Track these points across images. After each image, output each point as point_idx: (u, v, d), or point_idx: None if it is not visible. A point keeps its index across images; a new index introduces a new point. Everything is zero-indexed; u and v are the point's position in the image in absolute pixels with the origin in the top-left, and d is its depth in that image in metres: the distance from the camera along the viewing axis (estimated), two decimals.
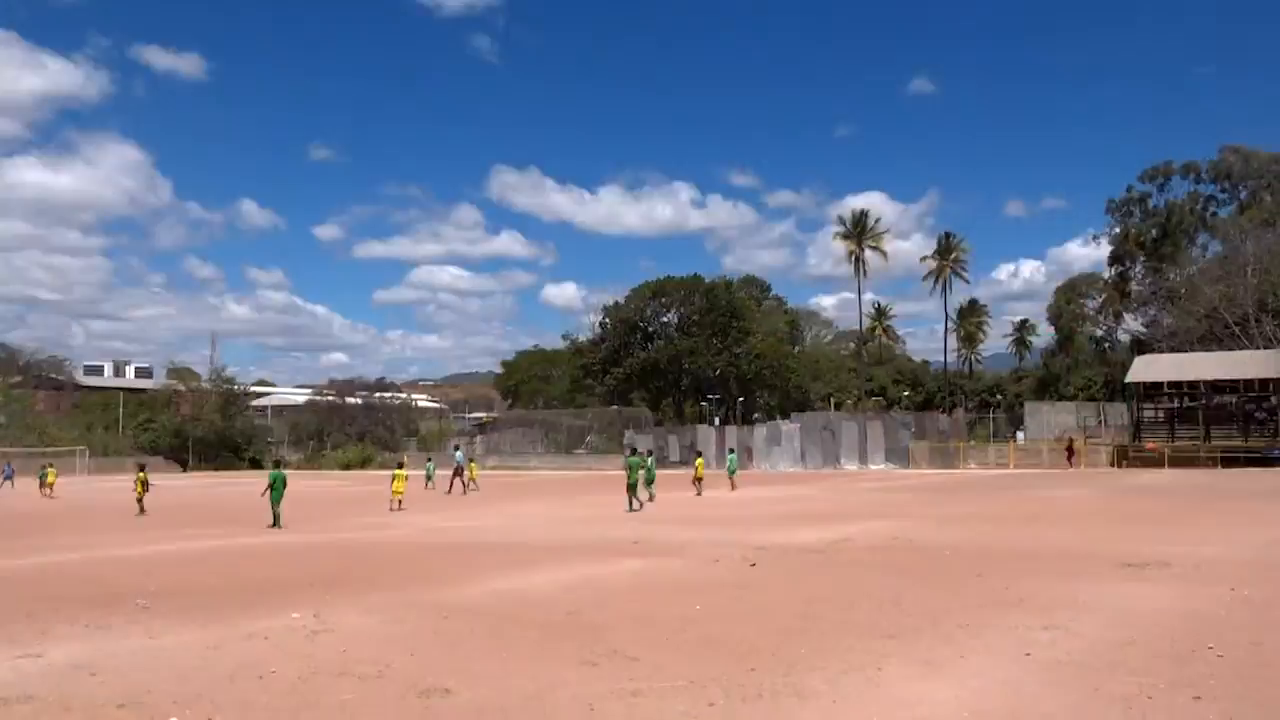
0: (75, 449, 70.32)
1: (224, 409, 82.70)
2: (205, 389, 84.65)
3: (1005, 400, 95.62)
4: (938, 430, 64.56)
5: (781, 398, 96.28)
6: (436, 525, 24.30)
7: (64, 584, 14.08)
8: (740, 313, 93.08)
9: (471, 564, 15.69)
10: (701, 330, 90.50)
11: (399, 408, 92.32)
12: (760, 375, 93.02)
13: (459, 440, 74.35)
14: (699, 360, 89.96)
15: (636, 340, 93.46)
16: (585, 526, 22.85)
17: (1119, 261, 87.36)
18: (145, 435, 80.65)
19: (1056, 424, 67.89)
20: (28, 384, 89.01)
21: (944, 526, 21.20)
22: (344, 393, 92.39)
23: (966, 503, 29.29)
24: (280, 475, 24.70)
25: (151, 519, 27.45)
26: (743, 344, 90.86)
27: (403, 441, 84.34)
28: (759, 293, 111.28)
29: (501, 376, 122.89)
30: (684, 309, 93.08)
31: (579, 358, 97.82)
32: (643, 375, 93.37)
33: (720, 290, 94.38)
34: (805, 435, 64.49)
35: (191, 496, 42.35)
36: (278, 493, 23.99)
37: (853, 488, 39.90)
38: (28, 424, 77.21)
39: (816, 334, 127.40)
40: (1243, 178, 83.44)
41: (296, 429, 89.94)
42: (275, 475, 24.60)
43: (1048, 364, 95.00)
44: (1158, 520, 22.24)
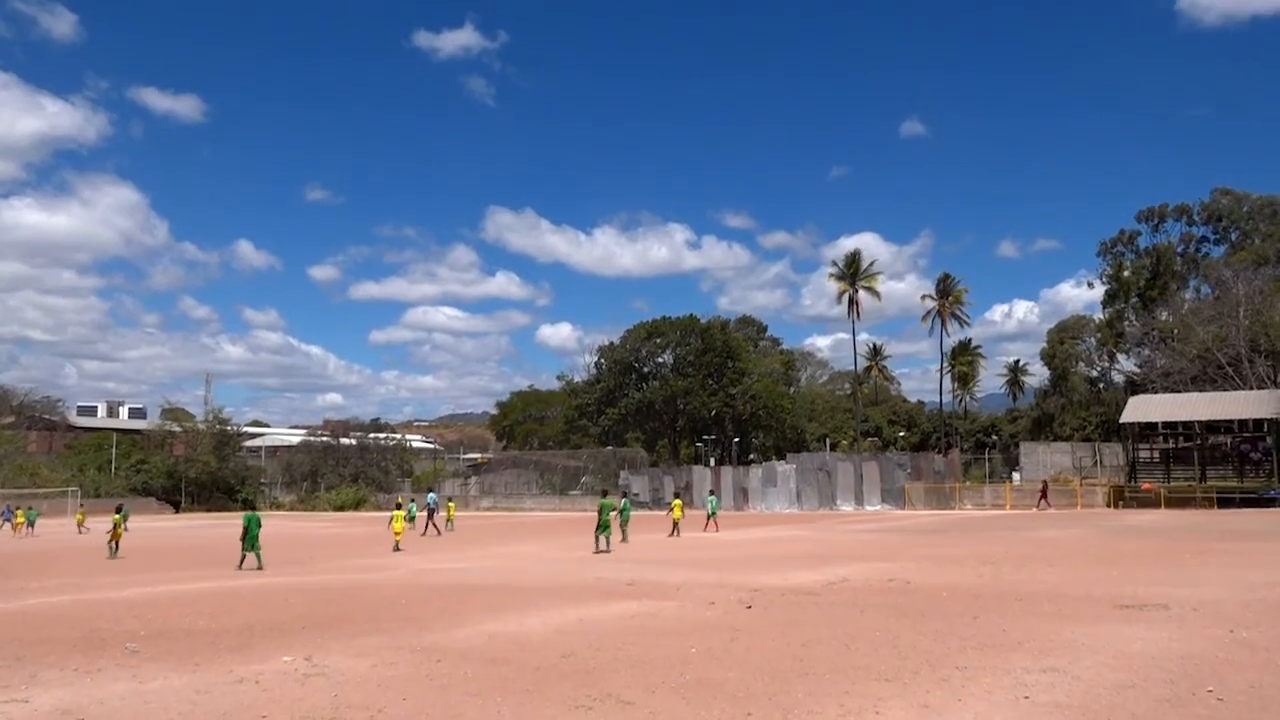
0: (66, 490, 69.87)
1: (217, 450, 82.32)
2: (199, 430, 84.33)
3: (1000, 441, 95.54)
4: (933, 471, 64.41)
5: (777, 438, 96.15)
6: (429, 566, 24.12)
7: (52, 626, 13.92)
8: (736, 353, 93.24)
9: (464, 606, 15.55)
10: (697, 371, 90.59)
11: (393, 449, 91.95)
12: (756, 416, 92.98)
13: (434, 482, 74.27)
14: (694, 401, 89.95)
15: (631, 381, 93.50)
16: (579, 568, 22.70)
17: (1112, 302, 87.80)
18: (138, 476, 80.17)
19: (1052, 464, 67.80)
20: (20, 425, 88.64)
21: (940, 568, 21.08)
22: (338, 433, 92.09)
23: (963, 544, 29.16)
24: (253, 517, 24.58)
25: (142, 560, 27.22)
26: (738, 384, 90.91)
27: (397, 483, 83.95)
28: (754, 333, 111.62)
29: (496, 417, 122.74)
30: (679, 349, 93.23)
31: (574, 398, 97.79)
32: (638, 416, 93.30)
33: (715, 331, 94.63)
34: (801, 476, 64.32)
35: (182, 538, 42.03)
36: (252, 535, 23.84)
37: (848, 529, 39.72)
38: (19, 465, 76.77)
39: (812, 374, 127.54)
40: (1234, 219, 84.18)
41: (290, 470, 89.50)
42: (249, 518, 24.51)
43: (1042, 404, 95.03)
44: (1155, 561, 22.14)
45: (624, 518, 32.29)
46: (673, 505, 37.05)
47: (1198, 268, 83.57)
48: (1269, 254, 76.42)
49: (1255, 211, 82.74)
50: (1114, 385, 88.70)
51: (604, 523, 28.12)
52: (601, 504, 28.96)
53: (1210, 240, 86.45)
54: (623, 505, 32.88)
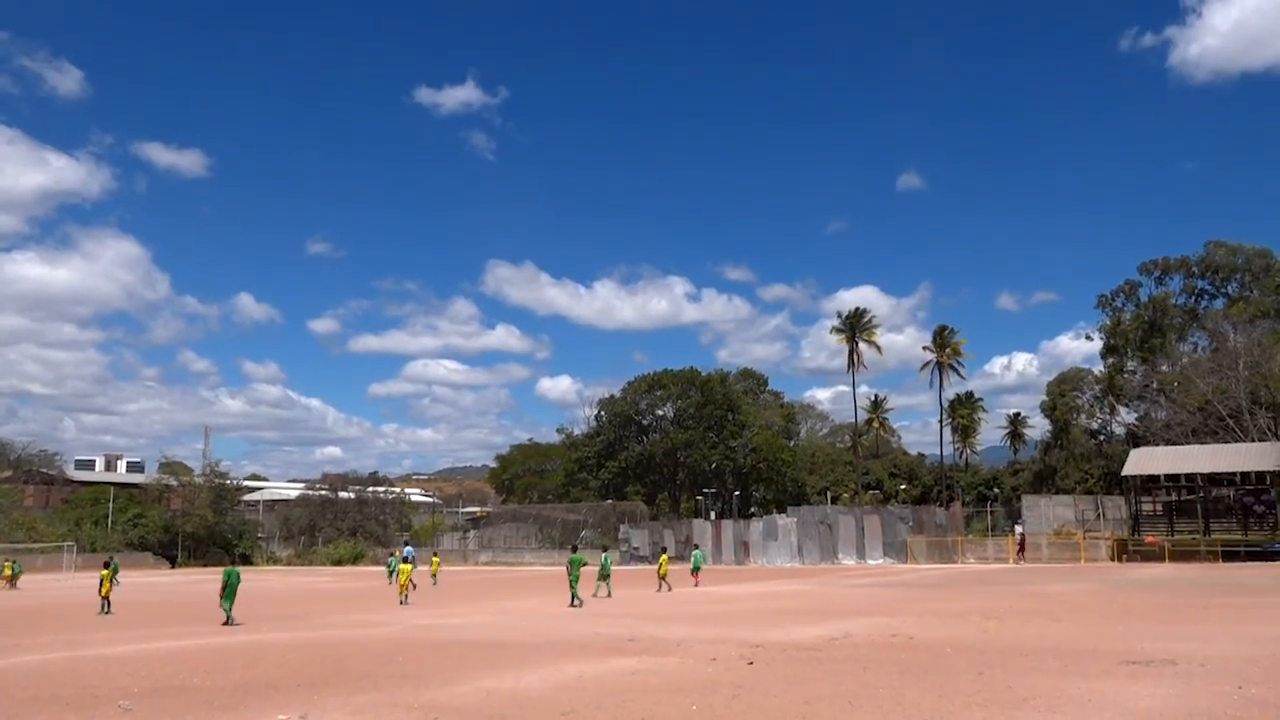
0: (63, 544, 69.31)
1: (215, 504, 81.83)
2: (197, 484, 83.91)
3: (1002, 493, 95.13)
4: (935, 524, 63.97)
5: (778, 491, 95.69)
6: (427, 622, 23.85)
7: (46, 684, 13.73)
8: (736, 406, 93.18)
9: (462, 662, 15.35)
10: (697, 424, 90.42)
11: (392, 502, 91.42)
12: (757, 469, 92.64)
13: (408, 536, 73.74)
14: (695, 454, 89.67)
15: (632, 434, 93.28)
16: (579, 622, 22.44)
17: (1111, 355, 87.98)
18: (135, 531, 79.59)
19: (1055, 517, 67.36)
20: (18, 479, 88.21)
21: (944, 622, 20.85)
22: (336, 487, 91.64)
23: (966, 598, 28.87)
24: (234, 572, 24.42)
25: (135, 616, 26.93)
26: (739, 437, 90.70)
27: (395, 537, 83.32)
28: (754, 386, 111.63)
29: (496, 470, 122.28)
30: (679, 402, 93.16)
31: (574, 451, 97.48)
32: (638, 469, 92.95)
33: (716, 383, 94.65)
34: (802, 529, 63.88)
35: (177, 593, 41.64)
36: (231, 589, 23.64)
37: (851, 583, 39.36)
38: (15, 519, 76.22)
39: (812, 427, 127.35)
40: (1230, 272, 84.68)
41: (288, 524, 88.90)
42: (229, 572, 24.33)
43: (1044, 457, 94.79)
44: (1160, 616, 21.90)
45: (604, 572, 32.15)
46: (660, 560, 36.83)
47: (1196, 320, 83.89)
48: (1268, 307, 76.72)
49: (1250, 263, 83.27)
50: (1115, 438, 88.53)
51: (575, 578, 28.25)
52: (571, 559, 29.03)
53: (1208, 293, 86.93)
54: (603, 560, 32.82)
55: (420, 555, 48.62)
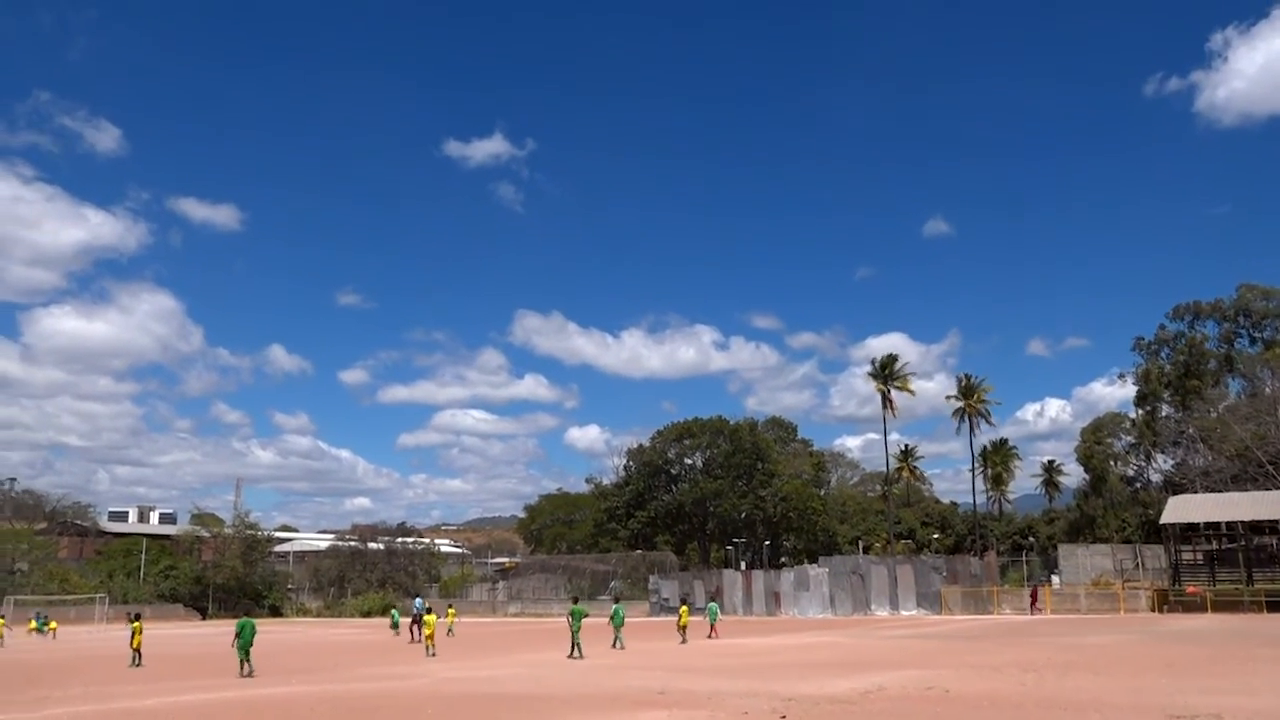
0: (95, 596, 69.68)
1: (245, 555, 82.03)
2: (228, 535, 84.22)
3: (1038, 542, 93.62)
4: (970, 574, 62.95)
5: (809, 541, 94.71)
6: (455, 674, 23.68)
7: None
8: (765, 455, 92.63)
9: (493, 715, 15.20)
10: (726, 473, 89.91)
11: (421, 553, 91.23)
12: (787, 518, 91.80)
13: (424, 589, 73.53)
14: (724, 503, 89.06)
15: (661, 483, 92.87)
16: (609, 675, 22.19)
17: (1145, 400, 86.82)
18: (166, 583, 79.87)
19: (1093, 567, 66.15)
20: (52, 530, 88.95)
21: (981, 675, 20.44)
22: (366, 538, 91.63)
23: (1002, 650, 28.31)
24: (248, 623, 24.41)
25: (166, 668, 26.94)
26: (768, 486, 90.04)
27: (424, 588, 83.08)
28: (784, 434, 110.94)
29: (524, 520, 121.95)
30: (708, 451, 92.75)
31: (603, 501, 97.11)
32: (667, 519, 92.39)
33: (744, 432, 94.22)
34: (834, 580, 63.07)
35: (207, 645, 41.63)
36: (245, 640, 23.62)
37: (884, 634, 38.73)
38: (49, 571, 76.76)
39: (842, 476, 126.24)
40: (1263, 315, 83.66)
41: (317, 575, 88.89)
42: (243, 623, 24.32)
43: (1080, 505, 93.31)
44: (1204, 669, 21.36)
45: (617, 623, 31.83)
46: (680, 611, 36.43)
47: (1231, 365, 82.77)
48: None
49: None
50: (1152, 485, 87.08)
51: (576, 629, 28.08)
52: (572, 610, 28.84)
53: (1242, 337, 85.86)
54: (615, 610, 32.51)
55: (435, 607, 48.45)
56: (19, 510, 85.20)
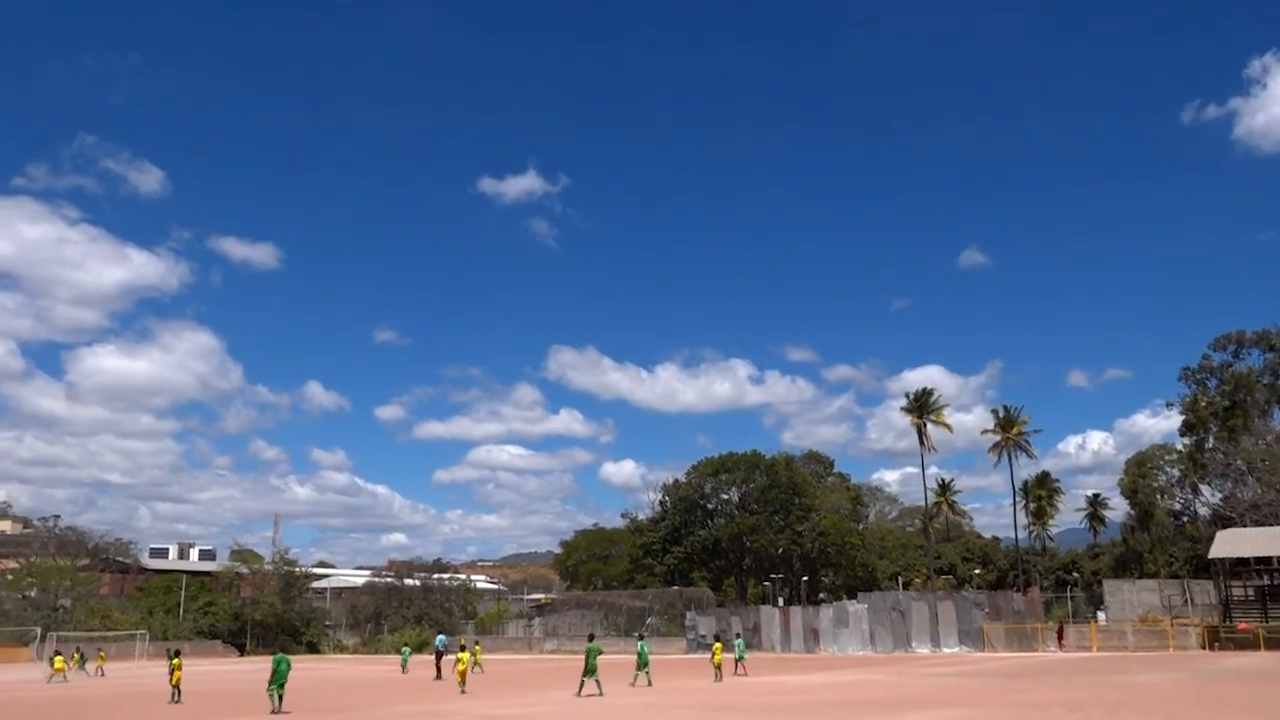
0: (135, 633, 70.25)
1: (283, 592, 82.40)
2: (266, 571, 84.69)
3: (1082, 578, 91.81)
4: (1013, 610, 61.73)
5: (847, 576, 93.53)
6: (491, 711, 23.51)
7: None
8: (802, 489, 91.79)
9: None
10: (763, 508, 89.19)
11: (457, 589, 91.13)
12: (825, 553, 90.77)
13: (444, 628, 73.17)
14: (761, 538, 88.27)
15: (697, 518, 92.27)
16: (646, 713, 21.92)
17: (1191, 432, 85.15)
18: (205, 619, 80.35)
19: (1139, 603, 64.69)
20: (95, 567, 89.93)
21: (1025, 714, 19.95)
22: (402, 574, 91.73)
23: (1048, 689, 27.65)
24: (284, 659, 24.41)
25: (205, 705, 26.99)
26: (805, 521, 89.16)
27: (461, 625, 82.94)
28: (820, 468, 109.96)
29: (560, 556, 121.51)
30: (744, 486, 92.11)
31: (639, 536, 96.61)
32: (704, 554, 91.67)
33: (781, 466, 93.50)
34: (873, 616, 62.10)
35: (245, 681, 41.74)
36: (280, 676, 23.58)
37: (926, 672, 38.01)
38: (91, 607, 77.53)
39: (880, 510, 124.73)
40: None
41: (354, 612, 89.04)
42: (278, 659, 24.31)
43: (1126, 540, 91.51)
44: (1258, 708, 20.70)
45: (642, 660, 31.48)
46: (713, 648, 35.97)
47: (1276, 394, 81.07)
48: None
49: None
50: (1200, 519, 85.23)
51: (590, 667, 27.79)
52: (589, 648, 28.60)
53: None
54: (640, 648, 32.17)
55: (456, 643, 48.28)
56: (62, 547, 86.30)
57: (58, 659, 47.20)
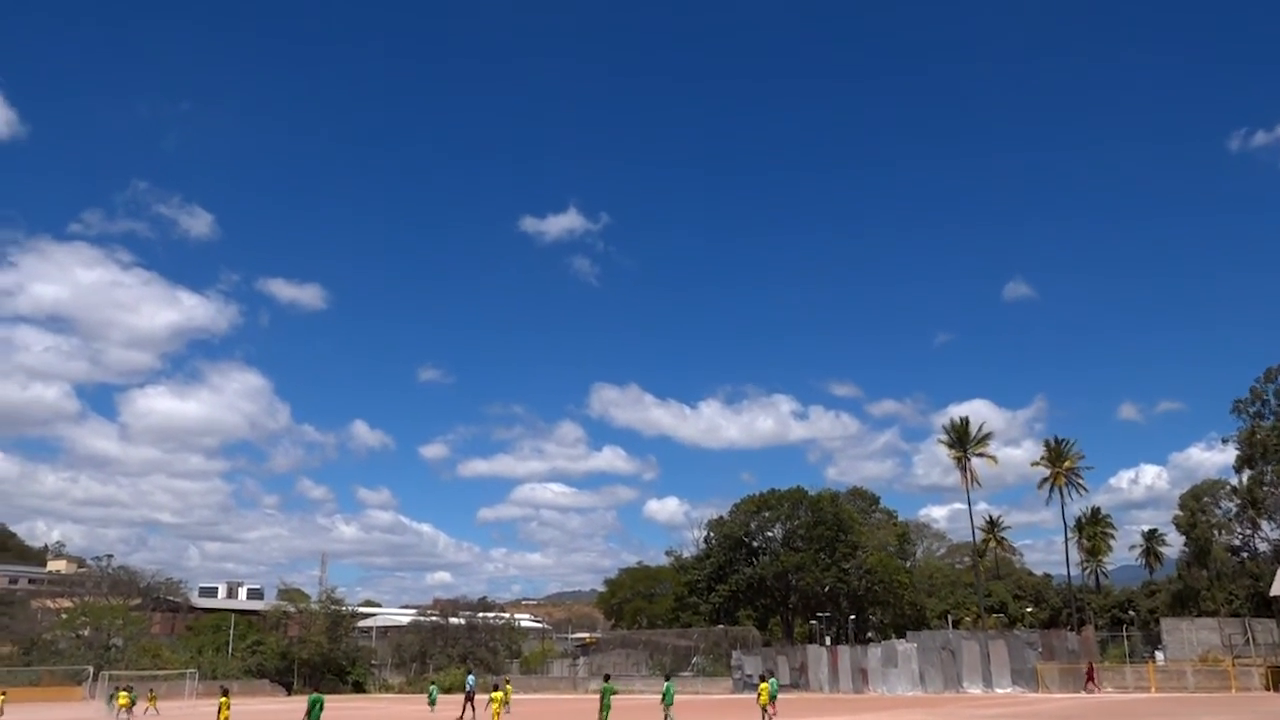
0: (185, 671, 70.88)
1: (330, 631, 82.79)
2: (313, 610, 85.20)
3: (1139, 616, 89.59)
4: (1067, 649, 60.29)
5: (895, 615, 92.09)
6: None
7: None
8: (848, 526, 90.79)
9: None
10: (808, 545, 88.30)
11: (502, 628, 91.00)
12: (872, 591, 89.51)
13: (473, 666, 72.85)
14: (807, 576, 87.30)
15: (741, 556, 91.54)
16: None
17: (1248, 465, 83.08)
18: (253, 658, 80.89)
19: (1198, 642, 62.86)
20: (146, 606, 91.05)
21: None
22: (447, 613, 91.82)
23: None
24: (318, 699, 24.48)
25: None
26: (852, 559, 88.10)
27: (505, 664, 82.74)
28: (866, 505, 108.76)
29: (604, 595, 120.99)
30: (789, 523, 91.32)
31: (683, 575, 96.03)
32: (749, 592, 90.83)
33: (826, 503, 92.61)
34: (923, 655, 60.98)
35: None
36: (314, 716, 23.64)
37: (978, 713, 37.20)
38: (143, 646, 78.41)
39: (928, 547, 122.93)
40: None
41: (400, 651, 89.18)
42: (313, 699, 24.40)
43: (1183, 576, 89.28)
44: None
45: (667, 701, 31.10)
46: (759, 689, 35.41)
47: None
48: None
49: None
50: (1260, 555, 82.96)
51: (605, 706, 27.74)
52: (603, 688, 28.45)
53: None
54: (666, 688, 31.82)
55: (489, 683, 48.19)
56: (115, 586, 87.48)
57: (122, 695, 47.78)
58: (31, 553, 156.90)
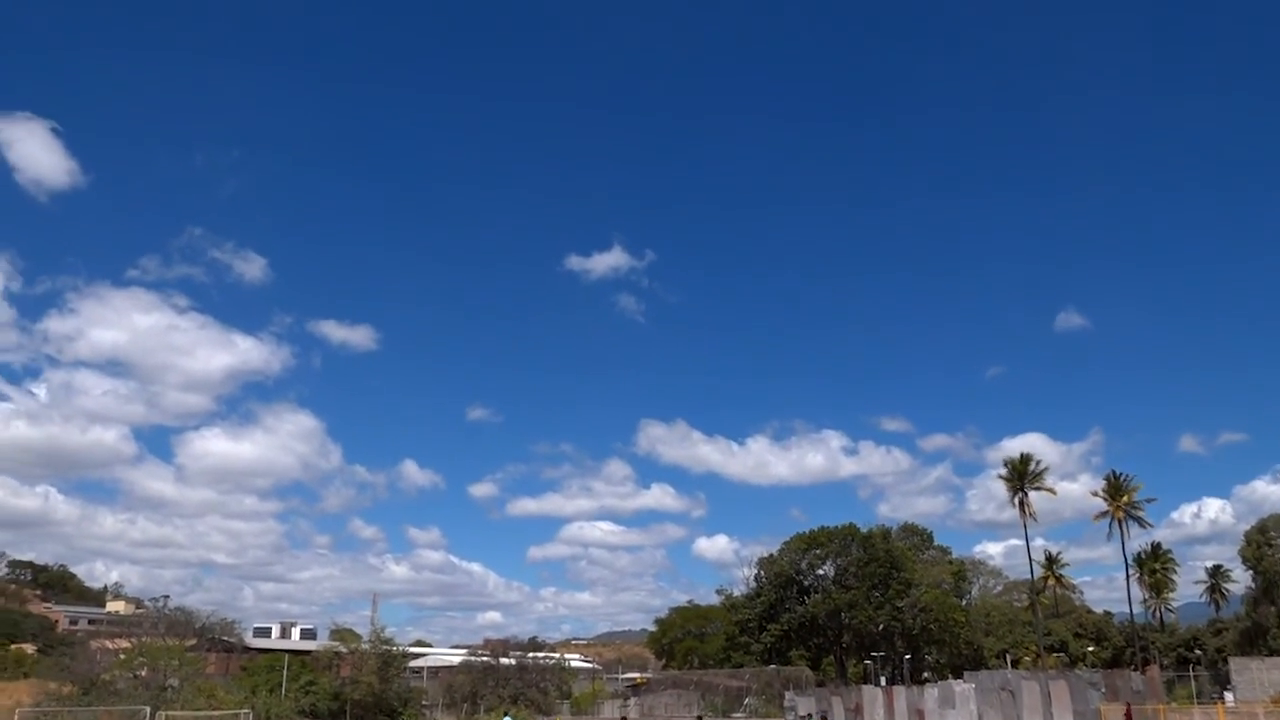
0: (239, 712, 71.34)
1: (381, 671, 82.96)
2: (365, 651, 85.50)
3: (1206, 656, 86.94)
4: (1131, 690, 58.62)
5: (952, 654, 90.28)
6: None
7: None
8: (901, 563, 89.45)
9: None
10: (861, 583, 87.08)
11: (552, 669, 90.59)
12: (927, 630, 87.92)
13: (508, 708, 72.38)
14: (860, 615, 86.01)
15: (793, 594, 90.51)
16: None
17: None
18: (306, 698, 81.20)
19: (1270, 683, 60.91)
20: (201, 646, 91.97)
21: None
22: (498, 653, 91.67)
23: None
24: None
25: None
26: (906, 597, 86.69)
27: (556, 704, 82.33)
28: (919, 541, 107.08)
29: (655, 634, 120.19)
30: (840, 560, 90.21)
31: (734, 614, 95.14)
32: (801, 631, 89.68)
33: (878, 540, 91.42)
34: (982, 696, 59.61)
35: None
36: None
37: None
38: (198, 686, 79.11)
39: (984, 585, 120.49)
40: None
41: (451, 691, 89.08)
42: None
43: (1250, 614, 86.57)
44: None
45: None
46: None
47: None
48: None
49: None
50: None
51: None
52: None
53: None
54: None
55: None
56: (171, 627, 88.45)
57: None
58: (91, 593, 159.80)
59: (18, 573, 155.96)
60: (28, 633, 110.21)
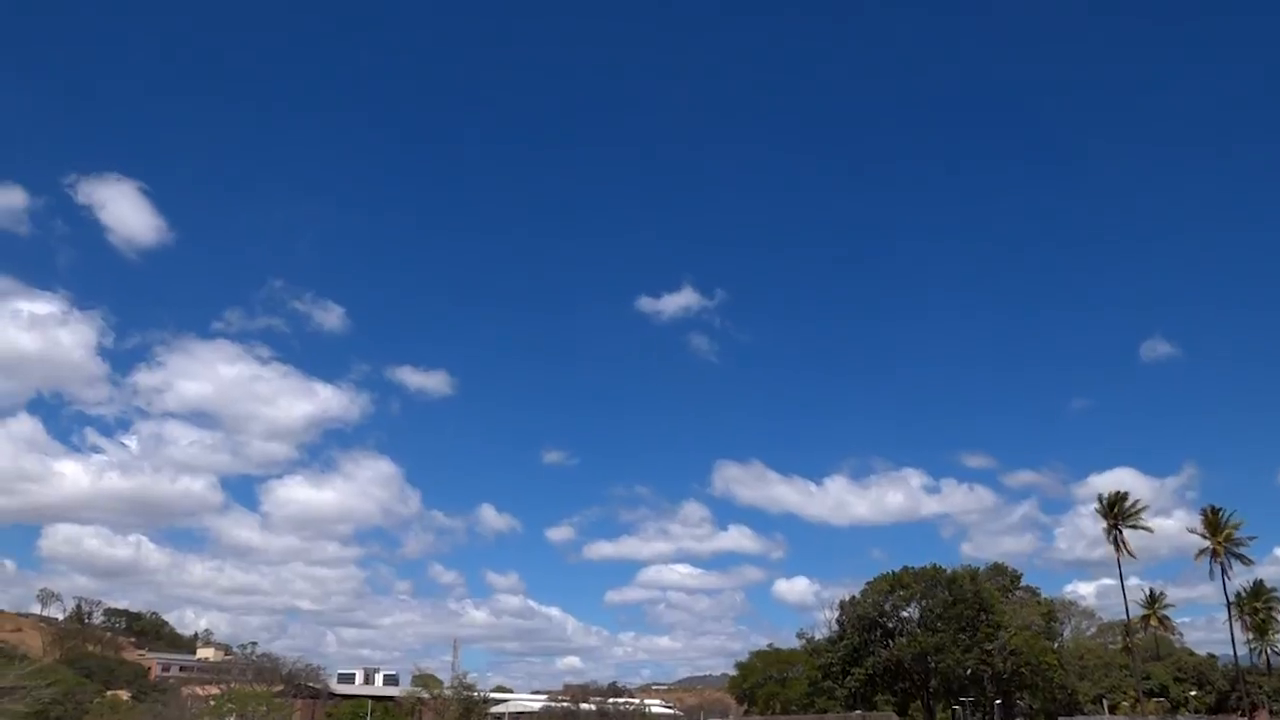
0: None
1: (463, 717, 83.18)
2: (447, 696, 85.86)
3: None
4: None
5: (1045, 699, 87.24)
6: None
7: None
8: (989, 604, 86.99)
9: None
10: (947, 625, 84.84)
11: (632, 715, 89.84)
12: (1018, 674, 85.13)
13: None
14: (947, 658, 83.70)
15: (876, 637, 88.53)
16: None
17: None
18: None
19: None
20: (288, 693, 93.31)
21: None
22: (578, 699, 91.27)
23: None
24: None
25: None
26: (995, 639, 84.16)
27: None
28: (1007, 582, 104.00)
29: (736, 679, 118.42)
30: (925, 602, 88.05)
31: (816, 658, 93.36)
32: (886, 676, 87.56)
33: (964, 580, 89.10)
34: None
35: None
36: None
37: None
38: None
39: (1077, 626, 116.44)
40: None
41: None
42: None
43: None
44: None
45: None
46: None
47: None
48: None
49: None
50: None
51: None
52: None
53: None
54: None
55: None
56: (259, 673, 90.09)
57: None
58: (182, 640, 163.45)
59: (113, 621, 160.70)
60: (123, 680, 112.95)
